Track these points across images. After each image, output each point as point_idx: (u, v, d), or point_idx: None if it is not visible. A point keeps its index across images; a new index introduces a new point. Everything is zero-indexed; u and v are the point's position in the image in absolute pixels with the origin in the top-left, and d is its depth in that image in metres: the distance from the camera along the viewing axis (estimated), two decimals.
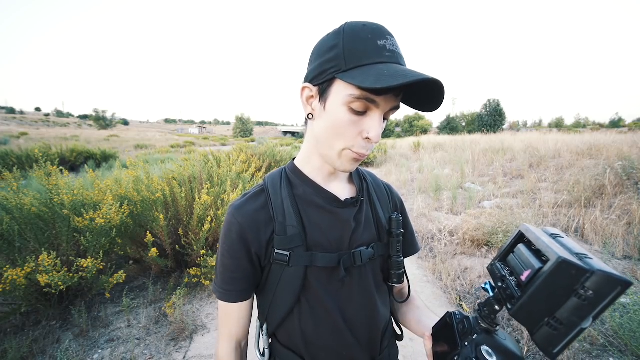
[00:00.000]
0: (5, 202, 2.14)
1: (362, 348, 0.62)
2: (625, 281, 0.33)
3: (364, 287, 0.62)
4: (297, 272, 0.58)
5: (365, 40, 0.49)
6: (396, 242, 0.64)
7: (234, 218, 0.60)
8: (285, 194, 0.61)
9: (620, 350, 1.79)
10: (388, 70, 0.46)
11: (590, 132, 13.72)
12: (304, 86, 0.56)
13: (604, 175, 4.60)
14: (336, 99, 0.51)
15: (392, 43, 0.50)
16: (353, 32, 0.50)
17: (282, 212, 0.60)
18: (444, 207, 4.98)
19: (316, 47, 0.55)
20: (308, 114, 0.58)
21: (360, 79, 0.47)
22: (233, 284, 0.61)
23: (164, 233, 2.58)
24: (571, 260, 0.35)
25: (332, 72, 0.50)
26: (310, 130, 0.61)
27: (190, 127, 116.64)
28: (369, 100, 0.50)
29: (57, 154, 9.93)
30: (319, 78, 0.53)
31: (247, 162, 5.86)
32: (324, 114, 0.54)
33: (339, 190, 0.64)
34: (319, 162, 0.62)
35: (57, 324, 2.20)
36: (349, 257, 0.60)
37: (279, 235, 0.58)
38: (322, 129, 0.55)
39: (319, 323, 0.60)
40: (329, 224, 0.60)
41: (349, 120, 0.51)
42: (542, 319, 0.37)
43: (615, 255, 2.98)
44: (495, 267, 0.47)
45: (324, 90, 0.53)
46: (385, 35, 0.50)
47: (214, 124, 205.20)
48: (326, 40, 0.53)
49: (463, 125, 43.60)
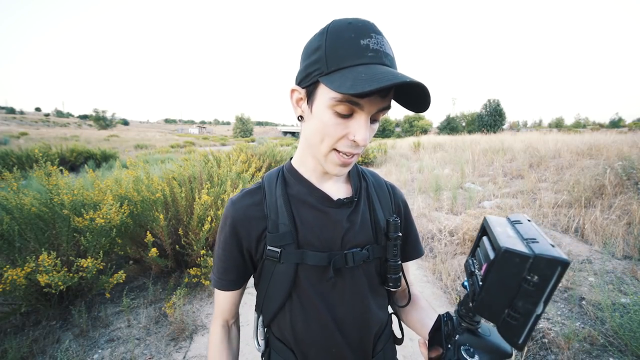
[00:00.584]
0: (5, 202, 2.13)
1: (352, 349, 0.62)
2: (562, 260, 0.33)
3: (356, 288, 0.62)
4: (287, 269, 0.59)
5: (347, 40, 0.47)
6: (392, 246, 0.62)
7: (228, 212, 0.63)
8: (279, 193, 0.62)
9: (620, 350, 1.79)
10: (366, 74, 0.45)
11: (590, 132, 13.71)
12: (292, 89, 0.56)
13: (604, 175, 4.60)
14: (321, 102, 0.51)
15: (376, 41, 0.48)
16: (336, 32, 0.48)
17: (275, 210, 0.61)
18: (444, 207, 4.97)
19: (304, 48, 0.54)
20: (298, 116, 0.58)
21: (337, 84, 0.46)
22: (224, 274, 0.65)
23: (164, 233, 2.58)
24: (514, 248, 0.35)
25: (316, 75, 0.50)
26: (302, 132, 0.61)
27: (190, 127, 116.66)
28: (353, 103, 0.49)
29: (57, 154, 9.93)
30: (305, 81, 0.53)
31: (247, 162, 5.87)
32: (311, 116, 0.54)
33: (333, 190, 0.64)
34: (313, 162, 0.62)
35: (57, 324, 2.19)
36: (341, 257, 0.60)
37: (271, 232, 0.60)
38: (310, 131, 0.55)
39: (309, 320, 0.61)
40: (321, 224, 0.60)
41: (334, 123, 0.51)
42: (502, 311, 0.37)
43: (615, 255, 2.98)
44: (468, 263, 0.46)
45: (310, 92, 0.53)
46: (369, 33, 0.48)
47: (214, 124, 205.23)
48: (312, 42, 0.52)
49: (463, 125, 43.59)
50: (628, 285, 2.43)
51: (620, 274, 2.64)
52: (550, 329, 2.03)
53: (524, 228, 0.39)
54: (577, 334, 1.93)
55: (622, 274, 2.63)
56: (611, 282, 2.49)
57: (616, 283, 2.44)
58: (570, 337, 1.85)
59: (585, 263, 2.84)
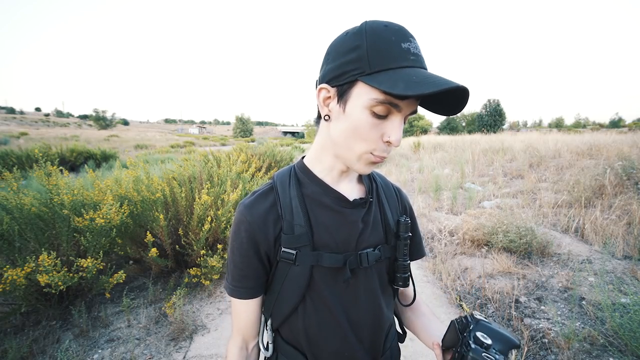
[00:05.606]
0: (5, 202, 2.13)
1: (365, 349, 0.62)
2: None
3: (370, 288, 0.62)
4: (302, 271, 0.58)
5: (389, 42, 0.47)
6: (403, 245, 0.63)
7: (243, 217, 0.60)
8: (294, 193, 0.61)
9: (620, 350, 1.79)
10: (417, 76, 0.45)
11: (590, 132, 13.72)
12: (321, 87, 0.54)
13: (604, 175, 4.60)
14: (357, 102, 0.50)
15: (415, 46, 0.48)
16: (375, 33, 0.47)
17: (290, 211, 0.59)
18: (444, 207, 4.98)
19: (334, 47, 0.52)
20: (325, 115, 0.56)
21: (388, 84, 0.45)
22: (242, 281, 0.61)
23: (164, 233, 2.58)
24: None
25: (355, 74, 0.48)
26: (324, 131, 0.59)
27: (190, 127, 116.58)
28: (392, 105, 0.48)
29: (57, 154, 9.93)
30: (338, 79, 0.51)
31: (247, 162, 5.86)
32: (342, 116, 0.52)
33: (347, 191, 0.63)
34: (331, 162, 0.61)
35: (57, 324, 2.19)
36: (355, 258, 0.59)
37: (286, 233, 0.59)
38: (340, 131, 0.54)
39: (322, 322, 0.60)
40: (337, 224, 0.60)
41: (370, 123, 0.50)
42: None
43: (615, 255, 2.98)
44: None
45: (343, 92, 0.51)
46: (408, 38, 0.48)
47: (214, 124, 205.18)
48: (346, 40, 0.50)
49: (463, 125, 43.59)
50: (628, 285, 2.43)
51: (620, 274, 2.64)
52: (550, 329, 2.03)
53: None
54: (577, 334, 1.93)
55: (622, 274, 2.63)
56: (611, 282, 2.50)
57: (616, 283, 2.44)
58: (570, 337, 1.85)
59: (585, 263, 2.84)
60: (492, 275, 2.80)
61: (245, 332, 0.65)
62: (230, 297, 0.65)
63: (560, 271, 2.75)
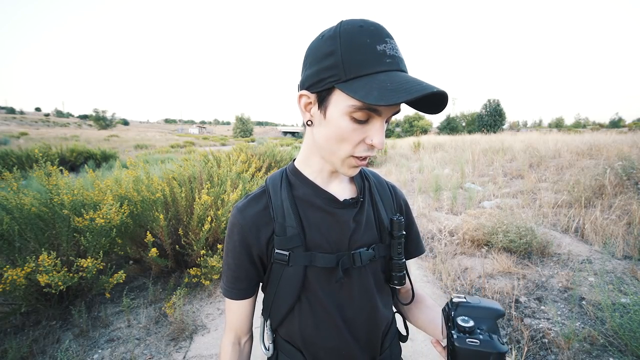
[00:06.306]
0: (5, 202, 2.13)
1: (362, 348, 0.63)
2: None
3: (364, 288, 0.62)
4: (296, 272, 0.59)
5: (363, 45, 0.46)
6: (397, 244, 0.63)
7: (236, 220, 0.62)
8: (285, 195, 0.62)
9: (620, 350, 1.79)
10: (391, 83, 0.45)
11: (590, 132, 13.73)
12: (301, 94, 0.54)
13: (604, 175, 4.60)
14: (337, 108, 0.50)
15: (391, 46, 0.48)
16: (350, 36, 0.47)
17: (282, 213, 0.60)
18: (444, 207, 4.98)
19: (310, 52, 0.52)
20: (307, 120, 0.56)
21: (362, 93, 0.45)
22: (235, 282, 0.64)
23: (164, 233, 2.58)
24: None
25: (331, 81, 0.48)
26: (309, 135, 0.60)
27: (190, 127, 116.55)
28: (371, 110, 0.49)
29: (57, 154, 9.93)
30: (316, 86, 0.51)
31: (247, 162, 5.86)
32: (324, 121, 0.53)
33: (339, 191, 0.64)
34: (319, 163, 0.62)
35: (57, 324, 2.20)
36: (349, 258, 0.60)
37: (278, 235, 0.59)
38: (323, 136, 0.54)
39: (319, 322, 0.61)
40: (328, 225, 0.60)
41: (351, 128, 0.50)
42: None
43: (615, 255, 2.98)
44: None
45: (322, 98, 0.52)
46: (384, 38, 0.47)
47: (214, 124, 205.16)
48: (321, 45, 0.50)
49: (463, 125, 43.58)
50: (628, 285, 2.43)
51: (620, 274, 2.64)
52: (550, 329, 2.03)
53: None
54: (577, 334, 1.93)
55: (622, 274, 2.64)
56: (611, 282, 2.50)
57: (616, 283, 2.45)
58: (570, 337, 1.85)
59: (585, 263, 2.84)
60: (492, 275, 2.80)
61: (237, 329, 0.67)
62: None
63: (560, 271, 2.75)
